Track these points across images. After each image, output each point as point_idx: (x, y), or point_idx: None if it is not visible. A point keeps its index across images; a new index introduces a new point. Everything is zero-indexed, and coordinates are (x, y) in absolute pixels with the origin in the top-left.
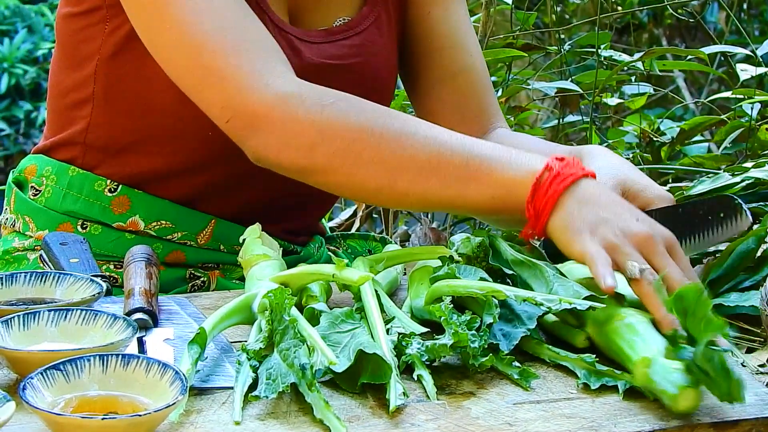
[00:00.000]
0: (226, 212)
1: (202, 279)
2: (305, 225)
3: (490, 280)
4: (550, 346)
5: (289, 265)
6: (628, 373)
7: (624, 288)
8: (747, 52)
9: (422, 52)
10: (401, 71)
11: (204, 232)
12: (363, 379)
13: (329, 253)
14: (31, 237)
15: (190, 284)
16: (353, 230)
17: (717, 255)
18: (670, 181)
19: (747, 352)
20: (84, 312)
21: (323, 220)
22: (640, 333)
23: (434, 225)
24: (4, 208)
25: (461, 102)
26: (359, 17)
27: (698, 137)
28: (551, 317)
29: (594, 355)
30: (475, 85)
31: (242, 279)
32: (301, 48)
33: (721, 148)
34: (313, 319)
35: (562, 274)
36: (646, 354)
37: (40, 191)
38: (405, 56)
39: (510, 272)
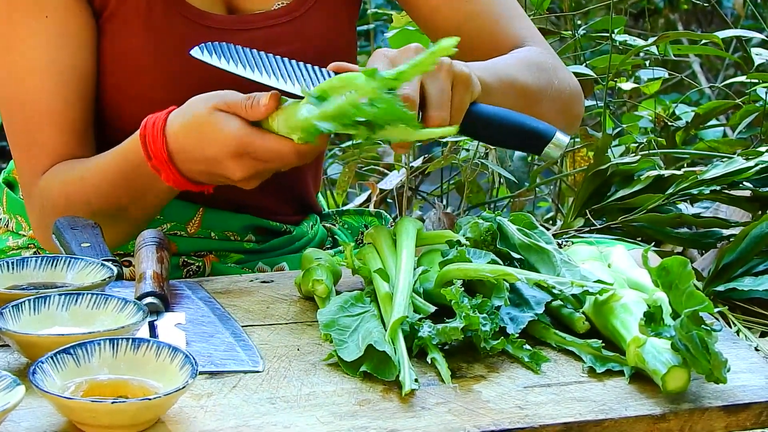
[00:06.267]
0: (214, 200)
1: (197, 264)
2: (296, 206)
3: (501, 263)
4: (556, 331)
5: (280, 246)
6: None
7: (623, 273)
8: (762, 36)
9: (422, 16)
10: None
11: (193, 221)
12: (365, 368)
13: (325, 230)
14: (24, 236)
15: (184, 270)
16: None
17: (731, 239)
18: (686, 165)
19: (761, 337)
20: (95, 296)
21: (320, 197)
22: (635, 313)
23: (449, 210)
24: None
25: (476, 47)
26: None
27: (713, 122)
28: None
29: (600, 341)
30: (483, 30)
31: (238, 262)
32: (229, 39)
33: (736, 133)
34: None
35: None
36: (639, 334)
37: None
38: (419, 24)
39: (518, 256)
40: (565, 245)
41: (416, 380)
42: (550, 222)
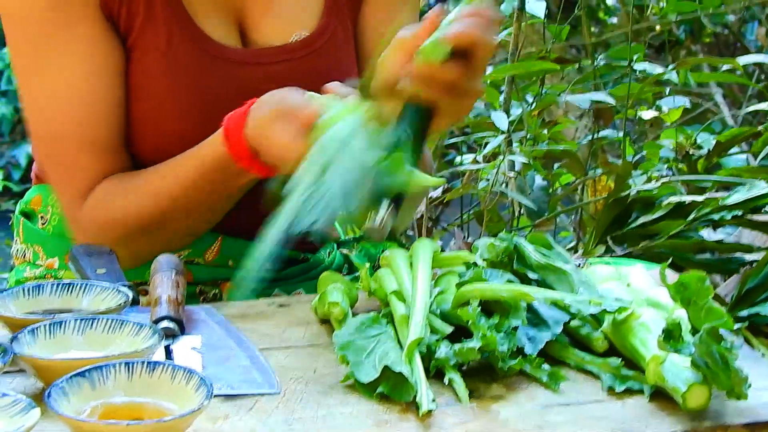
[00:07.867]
0: (233, 228)
1: (213, 292)
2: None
3: (518, 282)
4: (575, 350)
5: (297, 275)
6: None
7: (642, 292)
8: None
9: (361, 59)
10: None
11: (211, 249)
12: (382, 389)
13: (342, 256)
14: (41, 266)
15: (201, 298)
16: None
17: (754, 264)
18: (707, 192)
19: None
20: (110, 320)
21: (338, 226)
22: (654, 331)
23: (469, 240)
24: (14, 239)
25: None
26: (317, 32)
27: (735, 149)
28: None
29: (620, 359)
30: None
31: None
32: (245, 73)
33: (758, 160)
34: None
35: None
36: (659, 352)
37: (47, 219)
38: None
39: (535, 277)
40: (582, 265)
41: (433, 400)
42: (572, 251)
